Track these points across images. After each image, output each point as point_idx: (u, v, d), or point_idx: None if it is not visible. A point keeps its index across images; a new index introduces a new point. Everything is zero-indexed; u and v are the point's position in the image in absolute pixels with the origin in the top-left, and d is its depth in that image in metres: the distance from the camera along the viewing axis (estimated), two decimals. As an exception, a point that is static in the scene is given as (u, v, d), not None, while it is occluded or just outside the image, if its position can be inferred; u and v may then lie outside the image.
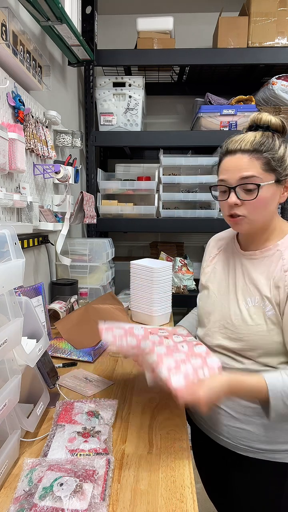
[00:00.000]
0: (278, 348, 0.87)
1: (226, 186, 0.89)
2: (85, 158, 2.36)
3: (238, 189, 0.86)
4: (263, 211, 0.87)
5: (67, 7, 1.66)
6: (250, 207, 0.87)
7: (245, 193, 0.86)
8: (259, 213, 0.87)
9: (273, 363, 0.88)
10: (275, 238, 0.92)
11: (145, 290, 1.60)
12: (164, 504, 0.66)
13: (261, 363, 0.88)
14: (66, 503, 0.62)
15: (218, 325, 0.96)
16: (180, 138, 2.26)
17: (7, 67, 1.27)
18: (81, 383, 1.10)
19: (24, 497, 0.64)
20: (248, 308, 0.90)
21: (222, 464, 1.00)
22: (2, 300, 0.74)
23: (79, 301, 1.76)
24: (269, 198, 0.87)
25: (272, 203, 0.88)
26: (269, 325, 0.87)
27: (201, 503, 0.84)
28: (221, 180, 0.90)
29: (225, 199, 0.89)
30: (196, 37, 2.59)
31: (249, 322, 0.89)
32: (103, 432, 0.82)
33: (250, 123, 0.92)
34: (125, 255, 2.90)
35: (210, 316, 1.00)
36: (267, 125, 0.89)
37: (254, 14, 2.11)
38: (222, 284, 1.00)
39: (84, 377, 1.14)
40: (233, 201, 0.87)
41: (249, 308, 0.90)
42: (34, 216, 1.41)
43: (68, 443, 0.78)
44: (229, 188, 0.88)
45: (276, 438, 0.89)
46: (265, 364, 0.88)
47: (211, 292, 1.02)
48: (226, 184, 0.89)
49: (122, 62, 2.21)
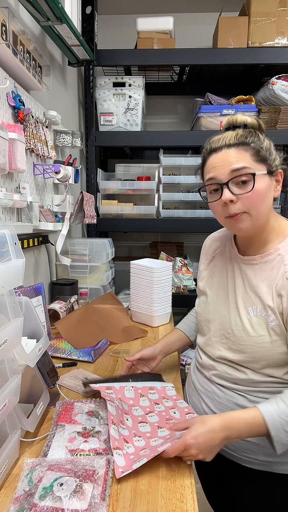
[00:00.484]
0: (283, 359, 0.82)
1: (217, 183, 0.82)
2: (85, 158, 2.36)
3: (231, 184, 0.80)
4: (261, 204, 0.81)
5: (67, 7, 1.66)
6: (247, 201, 0.80)
7: (239, 188, 0.80)
8: (258, 208, 0.81)
9: (278, 374, 0.84)
10: (275, 240, 0.87)
11: (145, 290, 1.60)
12: (164, 504, 0.66)
13: (266, 374, 0.84)
14: (66, 503, 0.62)
15: (219, 335, 0.92)
16: (180, 138, 2.26)
17: (7, 67, 1.27)
18: (81, 383, 1.10)
19: (24, 497, 0.64)
20: (250, 318, 0.85)
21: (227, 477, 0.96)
22: (2, 300, 0.73)
23: (79, 301, 1.76)
24: (265, 191, 0.81)
25: (269, 197, 0.83)
26: (273, 336, 0.82)
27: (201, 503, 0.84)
28: (210, 179, 0.84)
29: (217, 199, 0.83)
30: (196, 37, 2.59)
31: (251, 333, 0.84)
32: (103, 432, 0.82)
33: (226, 125, 0.88)
34: (125, 255, 2.90)
35: (209, 324, 0.96)
36: (244, 125, 0.85)
37: (254, 14, 2.11)
38: (220, 291, 0.95)
39: (84, 377, 1.14)
40: (227, 197, 0.80)
41: (251, 318, 0.85)
42: (34, 216, 1.41)
43: (68, 443, 0.78)
44: (220, 185, 0.81)
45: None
46: (270, 375, 0.84)
47: (209, 299, 0.98)
48: (216, 182, 0.82)
49: (122, 62, 2.21)
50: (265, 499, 0.90)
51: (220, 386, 0.92)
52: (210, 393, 0.94)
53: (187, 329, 1.17)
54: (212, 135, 0.88)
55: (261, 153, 0.81)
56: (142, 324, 1.64)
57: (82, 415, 0.88)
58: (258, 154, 0.81)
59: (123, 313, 1.66)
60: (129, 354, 1.32)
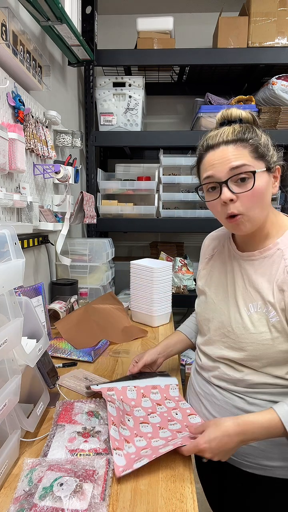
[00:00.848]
0: (285, 357, 0.80)
1: (216, 182, 0.80)
2: (85, 158, 2.36)
3: (230, 182, 0.78)
4: (261, 203, 0.80)
5: (67, 7, 1.66)
6: (246, 200, 0.78)
7: (238, 186, 0.78)
8: (257, 207, 0.79)
9: (280, 373, 0.82)
10: (274, 236, 0.85)
11: (145, 290, 1.60)
12: (164, 504, 0.66)
13: (267, 373, 0.83)
14: (66, 503, 0.62)
15: (219, 334, 0.90)
16: (180, 138, 2.26)
17: (7, 67, 1.27)
18: (81, 383, 1.10)
19: (24, 497, 0.64)
20: (250, 314, 0.84)
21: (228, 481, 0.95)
22: (2, 300, 0.74)
23: (79, 301, 1.76)
24: (264, 188, 0.79)
25: (267, 194, 0.81)
26: (274, 333, 0.80)
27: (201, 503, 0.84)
28: (208, 177, 0.81)
29: (216, 198, 0.81)
30: (196, 37, 2.59)
31: (251, 330, 0.82)
32: (103, 432, 0.82)
33: (221, 120, 0.86)
34: (125, 255, 2.90)
35: (209, 323, 0.94)
36: (240, 119, 0.83)
37: (254, 14, 2.11)
38: (220, 289, 0.94)
39: (84, 377, 1.14)
40: (227, 196, 0.78)
41: (251, 314, 0.84)
42: (34, 216, 1.41)
43: (68, 443, 0.78)
44: (219, 183, 0.79)
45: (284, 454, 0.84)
46: (271, 374, 0.82)
47: (208, 298, 0.97)
48: (215, 180, 0.80)
49: (122, 62, 2.22)
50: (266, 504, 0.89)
51: (219, 388, 0.91)
52: (209, 395, 0.93)
53: (188, 331, 1.15)
54: (207, 131, 0.86)
55: (259, 149, 0.79)
56: (142, 324, 1.64)
57: (82, 415, 0.88)
58: (256, 150, 0.79)
59: (123, 313, 1.66)
60: (129, 354, 1.32)
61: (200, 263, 1.08)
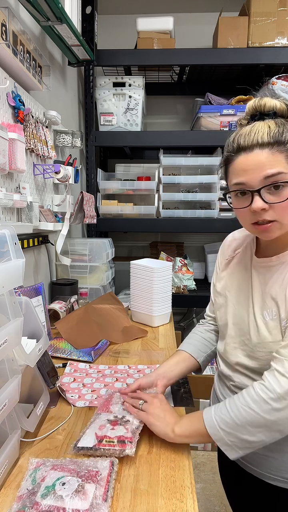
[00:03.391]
0: None
1: (248, 190, 0.74)
2: (85, 158, 2.36)
3: (263, 191, 0.73)
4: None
5: (67, 7, 1.66)
6: (280, 210, 0.73)
7: (271, 195, 0.73)
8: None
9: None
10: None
11: (145, 290, 1.60)
12: (164, 504, 0.66)
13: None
14: (68, 502, 0.62)
15: (238, 341, 0.87)
16: (180, 138, 2.26)
17: (7, 67, 1.27)
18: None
19: (27, 496, 0.64)
20: (266, 322, 0.80)
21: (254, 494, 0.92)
22: (2, 300, 0.74)
23: (79, 301, 1.76)
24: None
25: None
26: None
27: (201, 503, 0.84)
28: (239, 184, 0.75)
29: (246, 206, 0.75)
30: (196, 37, 2.59)
31: (268, 338, 0.78)
32: (131, 422, 0.84)
33: (252, 112, 0.77)
34: (125, 255, 2.90)
35: (228, 328, 0.90)
36: (274, 111, 0.75)
37: (254, 14, 2.11)
38: (241, 294, 0.89)
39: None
40: (259, 206, 0.72)
41: (267, 322, 0.79)
42: (34, 216, 1.41)
43: (98, 430, 0.81)
44: (251, 192, 0.74)
45: None
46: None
47: (229, 301, 0.92)
48: (247, 188, 0.74)
49: (122, 62, 2.22)
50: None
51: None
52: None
53: (192, 349, 1.03)
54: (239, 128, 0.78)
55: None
56: (142, 324, 1.64)
57: (117, 405, 0.91)
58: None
59: (123, 313, 1.66)
60: (129, 354, 1.32)
61: (219, 262, 1.02)
